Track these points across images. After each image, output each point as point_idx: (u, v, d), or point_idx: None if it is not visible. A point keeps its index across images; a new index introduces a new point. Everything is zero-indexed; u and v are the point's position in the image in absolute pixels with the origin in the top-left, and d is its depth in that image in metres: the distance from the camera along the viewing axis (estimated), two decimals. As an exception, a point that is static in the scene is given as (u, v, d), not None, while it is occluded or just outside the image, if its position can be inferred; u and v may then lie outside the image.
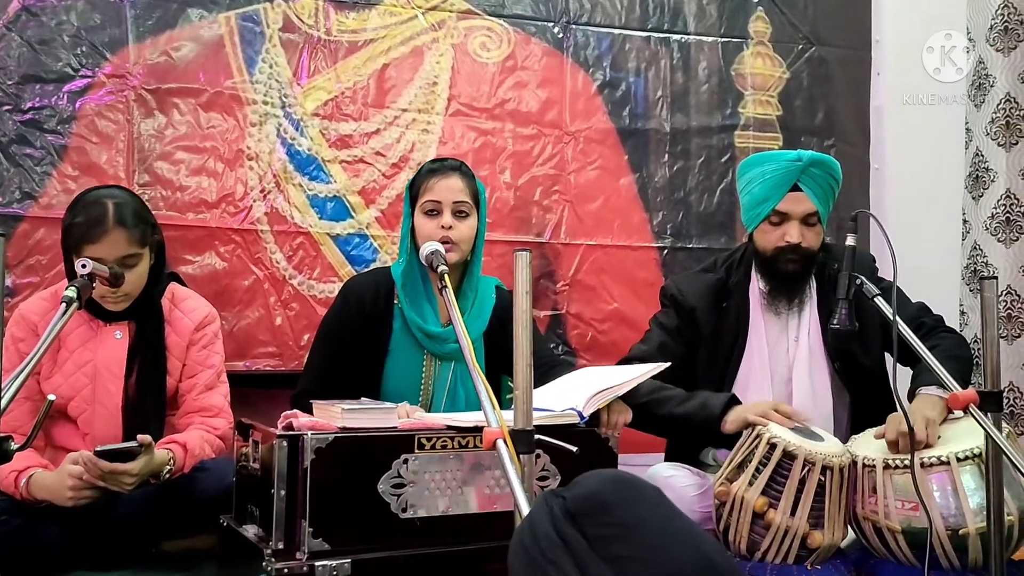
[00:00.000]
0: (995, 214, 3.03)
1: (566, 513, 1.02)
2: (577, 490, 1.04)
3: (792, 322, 2.43)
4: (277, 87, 2.87)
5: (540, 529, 1.02)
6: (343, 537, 1.68)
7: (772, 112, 3.38)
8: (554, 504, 1.04)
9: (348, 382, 2.25)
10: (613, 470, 1.34)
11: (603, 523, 1.00)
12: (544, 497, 1.07)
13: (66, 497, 1.96)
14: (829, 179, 2.34)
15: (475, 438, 1.80)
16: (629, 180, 3.20)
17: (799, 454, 1.96)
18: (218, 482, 2.08)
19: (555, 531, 1.01)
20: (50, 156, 2.65)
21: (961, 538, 1.89)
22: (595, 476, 1.07)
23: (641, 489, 1.05)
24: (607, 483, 1.04)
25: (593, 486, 1.04)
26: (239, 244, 2.81)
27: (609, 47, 3.20)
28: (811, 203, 2.32)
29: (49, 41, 2.66)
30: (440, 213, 2.29)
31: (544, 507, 1.04)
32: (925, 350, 1.90)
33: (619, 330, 3.11)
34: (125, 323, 2.20)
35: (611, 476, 1.06)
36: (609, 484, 1.04)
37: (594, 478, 1.06)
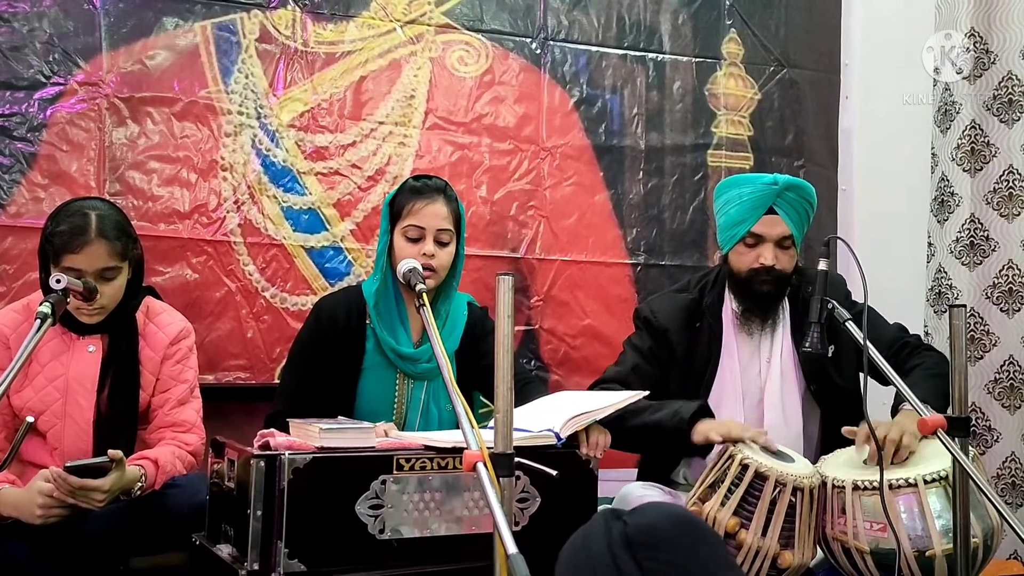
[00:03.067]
0: (959, 237, 3.10)
1: (625, 539, 1.02)
2: (640, 519, 1.04)
3: (764, 343, 2.46)
4: (253, 97, 2.85)
5: (595, 548, 1.02)
6: (320, 558, 1.68)
7: (744, 132, 3.42)
8: (614, 526, 1.03)
9: (322, 401, 2.24)
10: (680, 507, 1.34)
11: (659, 559, 1.00)
12: (604, 516, 1.07)
13: (35, 515, 1.92)
14: (804, 204, 2.38)
15: (454, 459, 1.80)
16: (604, 196, 3.22)
17: (771, 475, 1.99)
18: (190, 499, 2.05)
19: (610, 554, 1.01)
20: (19, 164, 2.61)
21: (927, 559, 1.93)
22: (659, 509, 1.07)
23: (703, 533, 1.05)
24: (671, 520, 1.04)
25: (656, 518, 1.04)
26: (211, 255, 2.78)
27: (586, 64, 3.23)
28: (786, 226, 2.35)
29: (21, 48, 2.62)
30: (423, 240, 2.28)
31: (603, 526, 1.04)
32: (894, 375, 1.94)
33: (591, 346, 3.13)
34: (98, 336, 2.17)
35: (676, 514, 1.07)
36: (672, 521, 1.04)
37: (658, 511, 1.06)
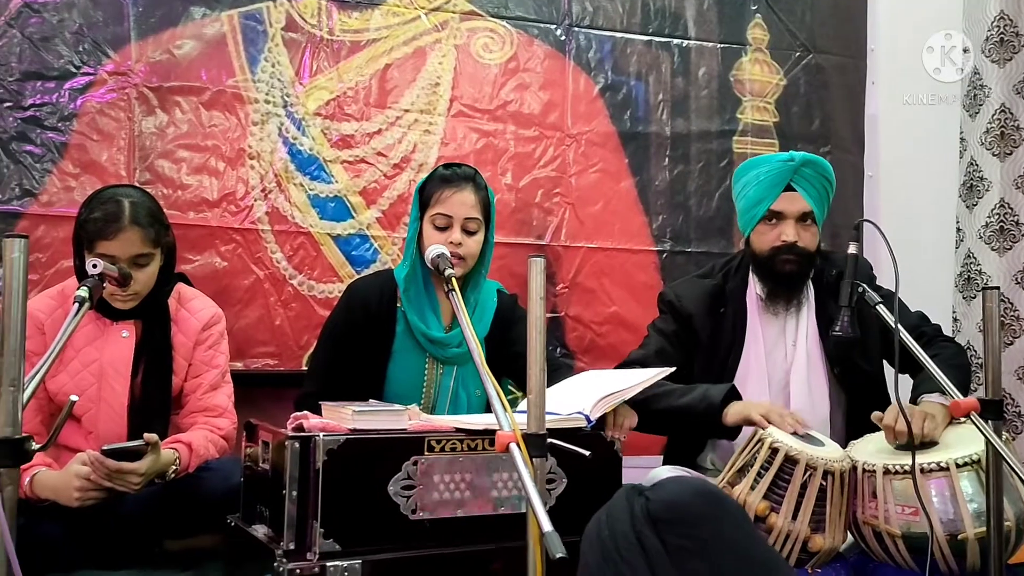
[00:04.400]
0: (989, 223, 3.07)
1: (647, 515, 1.01)
2: (661, 494, 1.03)
3: (789, 327, 2.45)
4: (279, 86, 2.87)
5: (619, 526, 1.01)
6: (353, 538, 1.69)
7: (769, 118, 3.41)
8: (636, 503, 1.02)
9: (352, 384, 2.26)
10: (700, 480, 1.31)
11: (684, 534, 0.98)
12: (626, 492, 1.06)
13: (72, 498, 1.96)
14: (822, 179, 2.37)
15: (484, 440, 1.81)
16: (629, 183, 3.22)
17: (801, 459, 1.98)
18: (223, 482, 2.08)
19: (634, 532, 1.00)
20: (50, 153, 2.64)
21: (960, 543, 1.92)
22: (680, 483, 1.06)
23: (726, 506, 1.04)
24: (693, 494, 1.03)
25: (678, 494, 1.03)
26: (240, 243, 2.80)
27: (611, 50, 3.22)
28: (805, 202, 2.34)
29: (51, 38, 2.65)
30: (450, 228, 2.29)
31: (625, 504, 1.03)
32: (927, 358, 1.93)
33: (617, 333, 3.13)
34: (132, 322, 2.20)
35: (698, 487, 1.05)
36: (695, 495, 1.03)
37: (679, 485, 1.05)
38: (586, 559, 1.08)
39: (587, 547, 1.07)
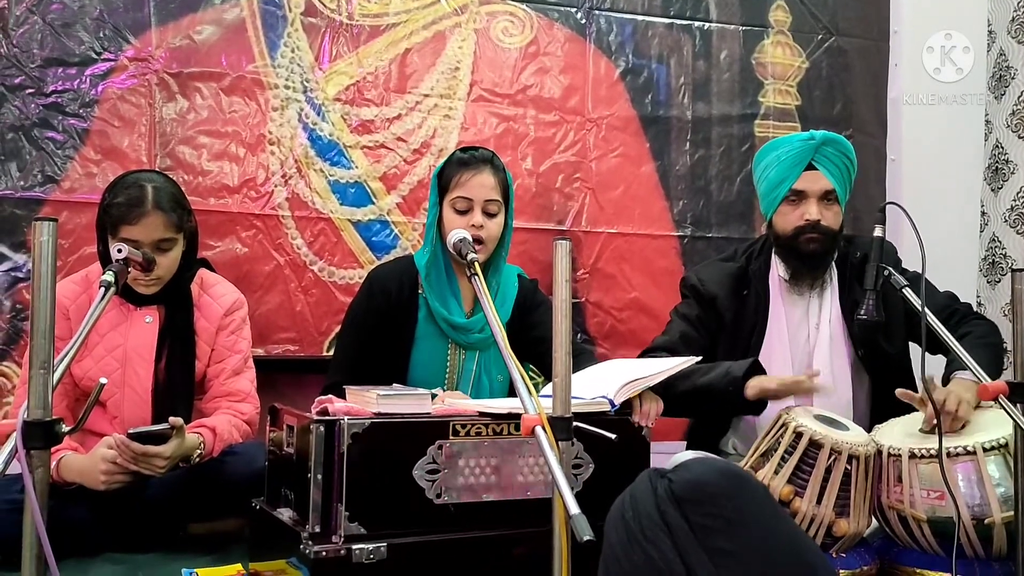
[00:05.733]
0: (1015, 206, 3.04)
1: (671, 496, 1.01)
2: (684, 474, 1.04)
3: (813, 308, 2.44)
4: (299, 71, 2.87)
5: (643, 507, 1.02)
6: (378, 521, 1.69)
7: (791, 102, 3.38)
8: (659, 484, 1.03)
9: (375, 371, 2.26)
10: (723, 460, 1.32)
11: (708, 513, 0.99)
12: (648, 475, 1.06)
13: (99, 481, 1.98)
14: (843, 158, 2.36)
15: (509, 425, 1.80)
16: (650, 168, 3.20)
17: (825, 443, 1.97)
18: (247, 466, 2.09)
19: (658, 512, 1.00)
20: (72, 140, 2.65)
21: (986, 527, 1.90)
22: (703, 463, 1.06)
23: (749, 485, 1.04)
24: (716, 473, 1.03)
25: (701, 473, 1.03)
26: (260, 229, 2.81)
27: (632, 33, 3.20)
28: (827, 181, 2.34)
29: (72, 24, 2.66)
30: (471, 211, 2.27)
31: (648, 485, 1.04)
32: (955, 342, 1.91)
33: (638, 319, 3.12)
34: (155, 308, 2.21)
35: (721, 466, 1.06)
36: (718, 475, 1.03)
37: (702, 465, 1.05)
38: (610, 540, 1.08)
39: (611, 529, 1.07)
